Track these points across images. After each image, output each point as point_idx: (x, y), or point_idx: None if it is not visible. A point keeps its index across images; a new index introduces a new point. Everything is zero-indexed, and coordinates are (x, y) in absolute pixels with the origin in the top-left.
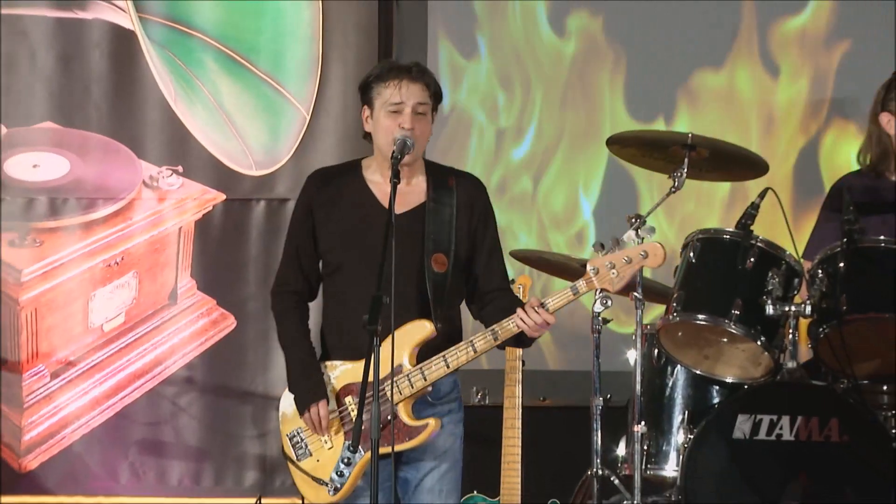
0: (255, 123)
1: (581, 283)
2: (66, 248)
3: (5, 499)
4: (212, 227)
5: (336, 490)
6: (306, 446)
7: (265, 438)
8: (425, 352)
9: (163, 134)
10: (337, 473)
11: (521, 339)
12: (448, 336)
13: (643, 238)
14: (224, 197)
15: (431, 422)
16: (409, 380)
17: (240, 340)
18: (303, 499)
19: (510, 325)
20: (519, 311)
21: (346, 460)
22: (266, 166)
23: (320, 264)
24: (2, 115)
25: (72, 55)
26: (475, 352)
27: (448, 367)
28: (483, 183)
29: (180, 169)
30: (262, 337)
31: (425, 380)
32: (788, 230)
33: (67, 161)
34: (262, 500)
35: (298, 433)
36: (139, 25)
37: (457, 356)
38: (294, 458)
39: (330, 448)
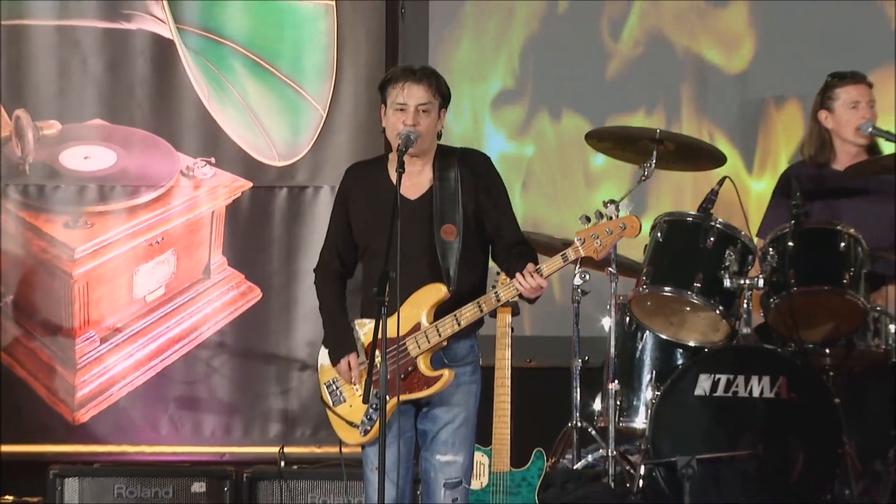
0: (277, 120)
1: (570, 252)
2: (113, 229)
3: (60, 447)
4: (240, 211)
5: (366, 431)
6: (341, 394)
7: (287, 395)
8: (443, 311)
9: (197, 129)
10: (367, 417)
11: (523, 298)
12: (467, 297)
13: (623, 212)
14: (251, 185)
15: (446, 373)
16: (427, 335)
17: (265, 310)
18: (340, 444)
19: (510, 289)
20: (518, 275)
21: (374, 406)
22: (288, 158)
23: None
24: (58, 114)
25: (118, 61)
26: (481, 311)
27: (459, 324)
28: (487, 155)
29: (213, 160)
30: (284, 307)
31: (440, 335)
32: (743, 214)
33: (114, 153)
34: (285, 449)
35: (334, 382)
36: (177, 35)
37: (466, 314)
38: (330, 404)
39: (360, 395)
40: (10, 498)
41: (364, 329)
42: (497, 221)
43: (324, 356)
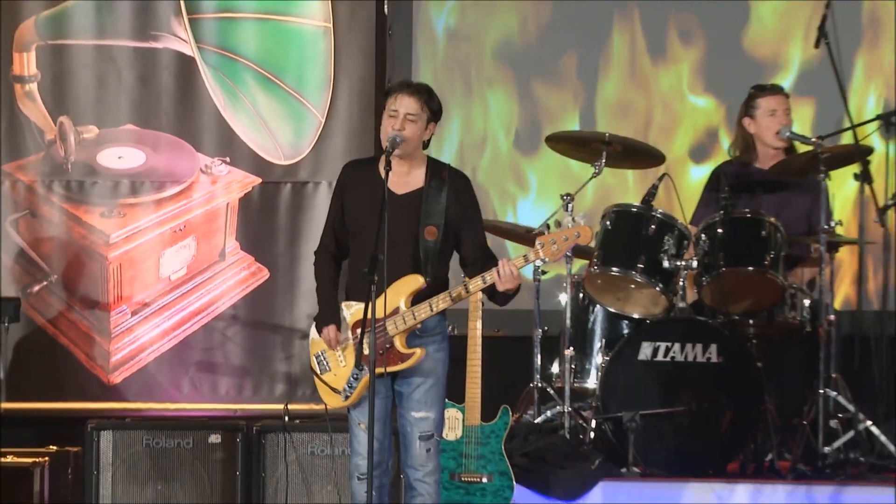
0: (283, 125)
1: (531, 254)
2: (142, 218)
3: (96, 405)
4: (251, 203)
5: (347, 397)
6: (327, 363)
7: (290, 360)
8: (419, 298)
9: (214, 133)
10: (348, 385)
11: (493, 295)
12: (437, 287)
13: (578, 222)
14: (260, 180)
15: (418, 351)
16: (404, 318)
17: (272, 287)
18: (325, 405)
19: (479, 282)
20: (499, 265)
21: (355, 376)
22: (291, 157)
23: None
24: (96, 120)
25: (147, 75)
26: (452, 300)
27: (432, 310)
28: (469, 178)
29: (227, 159)
30: (288, 285)
31: (415, 319)
32: (679, 205)
33: (144, 154)
34: (288, 406)
35: (322, 354)
36: (197, 53)
37: (438, 302)
38: (318, 372)
39: (344, 366)
40: (53, 448)
41: (351, 310)
42: (469, 233)
43: (314, 331)
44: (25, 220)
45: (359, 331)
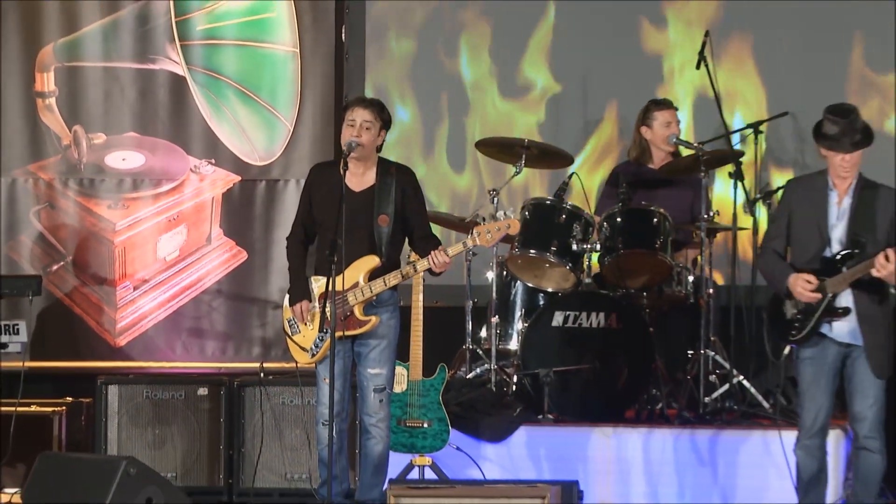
0: (259, 133)
1: (469, 241)
2: (142, 209)
3: (104, 364)
4: (232, 197)
5: (313, 355)
6: (297, 327)
7: (265, 327)
8: (375, 275)
9: (202, 139)
10: (314, 345)
11: (431, 272)
12: (390, 266)
13: (509, 216)
14: (240, 178)
15: (374, 318)
16: (362, 291)
17: (249, 266)
18: (296, 363)
19: (421, 264)
20: (432, 253)
21: (320, 338)
22: (266, 159)
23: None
24: (104, 128)
25: (146, 91)
26: (402, 277)
27: (385, 284)
28: (413, 171)
29: (213, 161)
30: (263, 264)
31: (371, 291)
32: (585, 199)
33: (143, 156)
34: (264, 364)
35: (293, 319)
36: (188, 73)
37: (391, 278)
38: (290, 334)
39: (312, 329)
40: (69, 399)
41: (318, 283)
42: (416, 219)
43: (286, 300)
44: (45, 211)
45: (324, 300)
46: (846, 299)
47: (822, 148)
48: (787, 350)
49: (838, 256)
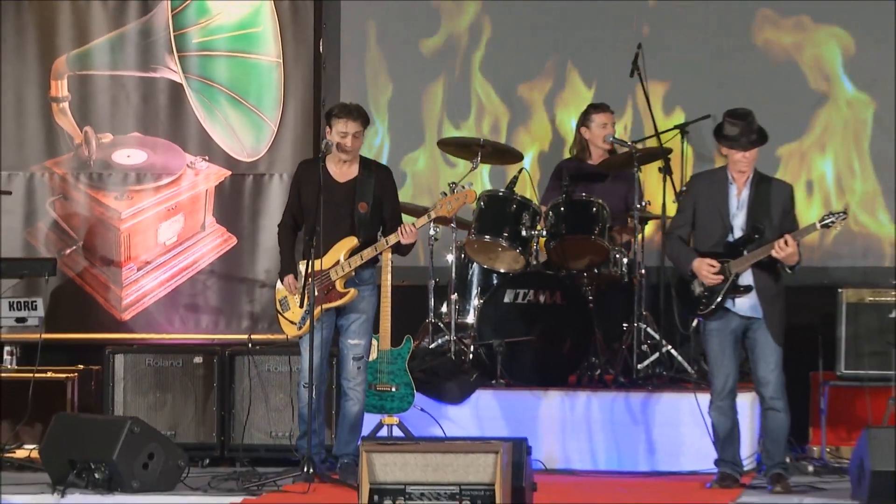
0: (247, 133)
1: (433, 211)
2: (144, 200)
3: (111, 335)
4: (224, 189)
5: (300, 328)
6: (287, 304)
7: (252, 303)
8: (354, 253)
9: (197, 139)
10: (301, 319)
11: (399, 248)
12: (367, 246)
13: (465, 188)
14: (230, 173)
15: (352, 290)
16: (342, 267)
17: (239, 250)
18: (286, 335)
19: (391, 237)
20: (401, 226)
21: (306, 312)
22: (253, 156)
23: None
24: (111, 129)
25: (148, 96)
26: (375, 251)
27: (362, 259)
28: (390, 168)
29: (206, 158)
30: (250, 249)
31: (350, 267)
32: (534, 192)
33: (146, 153)
34: (251, 336)
35: (284, 298)
36: (185, 81)
37: (365, 253)
38: (281, 311)
39: (300, 306)
40: (81, 367)
41: (305, 266)
42: (390, 208)
43: (280, 283)
44: (59, 202)
45: (307, 279)
46: (747, 278)
47: (723, 146)
48: (694, 323)
49: (740, 241)
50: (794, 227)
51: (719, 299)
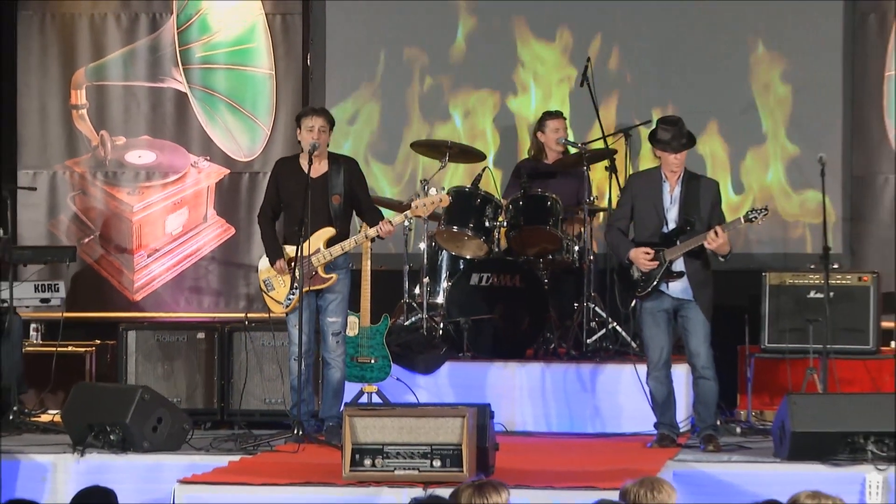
0: (243, 136)
1: (409, 212)
2: (153, 195)
3: (124, 314)
4: (223, 186)
5: (286, 307)
6: (272, 284)
7: (249, 286)
8: (332, 242)
9: (200, 141)
10: (287, 299)
11: (379, 237)
12: (343, 235)
13: (440, 193)
14: (229, 171)
15: (334, 276)
16: (323, 255)
17: (237, 240)
18: (269, 312)
19: (371, 231)
20: (380, 223)
21: (292, 293)
22: (249, 157)
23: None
24: (124, 133)
25: (157, 104)
26: (356, 243)
27: (342, 249)
28: (355, 159)
29: (208, 158)
30: (247, 238)
31: (331, 255)
32: (496, 188)
33: (155, 154)
34: (248, 315)
35: (269, 279)
36: (189, 90)
37: (346, 245)
38: (266, 291)
39: (284, 287)
40: (98, 341)
41: (287, 249)
42: (361, 196)
43: (262, 263)
44: (79, 197)
45: (292, 264)
46: (680, 265)
47: (657, 149)
48: (633, 303)
49: (674, 232)
50: (722, 219)
51: (655, 283)
